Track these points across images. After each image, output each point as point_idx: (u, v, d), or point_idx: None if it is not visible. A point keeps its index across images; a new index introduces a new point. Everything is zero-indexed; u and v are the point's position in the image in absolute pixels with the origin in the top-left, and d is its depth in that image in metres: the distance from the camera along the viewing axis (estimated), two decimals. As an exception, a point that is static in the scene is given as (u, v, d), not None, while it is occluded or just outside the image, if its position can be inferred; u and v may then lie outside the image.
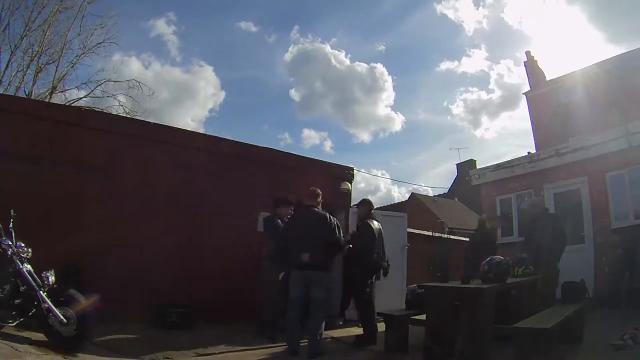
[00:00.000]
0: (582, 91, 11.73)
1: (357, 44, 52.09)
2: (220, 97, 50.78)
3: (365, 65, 51.25)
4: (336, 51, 49.80)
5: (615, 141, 6.49)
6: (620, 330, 3.85)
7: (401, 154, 51.65)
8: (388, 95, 52.14)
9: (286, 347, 3.88)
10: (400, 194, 43.01)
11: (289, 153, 6.82)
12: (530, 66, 14.07)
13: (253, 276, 5.01)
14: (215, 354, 3.70)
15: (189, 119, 43.71)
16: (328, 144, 54.99)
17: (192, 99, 43.40)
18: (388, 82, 50.36)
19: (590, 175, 6.72)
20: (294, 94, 53.79)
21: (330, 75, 50.00)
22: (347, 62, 50.76)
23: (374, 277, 4.67)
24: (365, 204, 5.00)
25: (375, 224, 4.65)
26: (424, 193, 20.21)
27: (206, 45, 47.07)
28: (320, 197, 4.18)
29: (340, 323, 5.51)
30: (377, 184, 48.86)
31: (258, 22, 48.49)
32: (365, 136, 54.69)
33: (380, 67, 48.09)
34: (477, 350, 3.20)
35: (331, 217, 4.03)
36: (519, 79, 50.03)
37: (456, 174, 20.24)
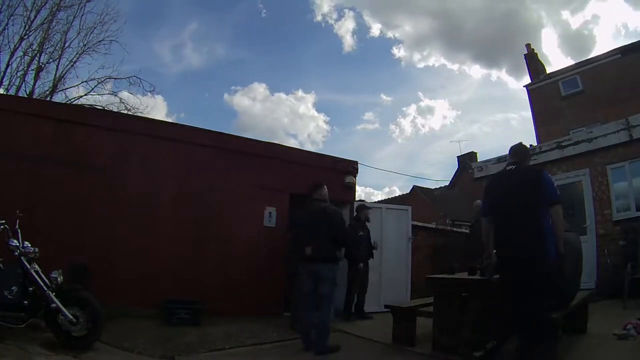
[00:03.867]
0: (583, 83, 11.71)
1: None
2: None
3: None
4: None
5: (617, 134, 6.52)
6: (623, 320, 3.88)
7: (329, 143, 48.79)
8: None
9: (299, 340, 3.90)
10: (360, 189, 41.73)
11: (294, 148, 6.96)
12: (531, 58, 14.03)
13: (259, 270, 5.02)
14: (225, 349, 3.71)
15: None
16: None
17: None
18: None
19: (592, 168, 6.75)
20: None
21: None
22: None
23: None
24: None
25: None
26: (426, 185, 20.24)
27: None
28: (325, 190, 4.11)
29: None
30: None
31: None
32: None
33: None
34: (484, 341, 3.22)
35: (335, 210, 3.98)
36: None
37: (457, 166, 20.25)
